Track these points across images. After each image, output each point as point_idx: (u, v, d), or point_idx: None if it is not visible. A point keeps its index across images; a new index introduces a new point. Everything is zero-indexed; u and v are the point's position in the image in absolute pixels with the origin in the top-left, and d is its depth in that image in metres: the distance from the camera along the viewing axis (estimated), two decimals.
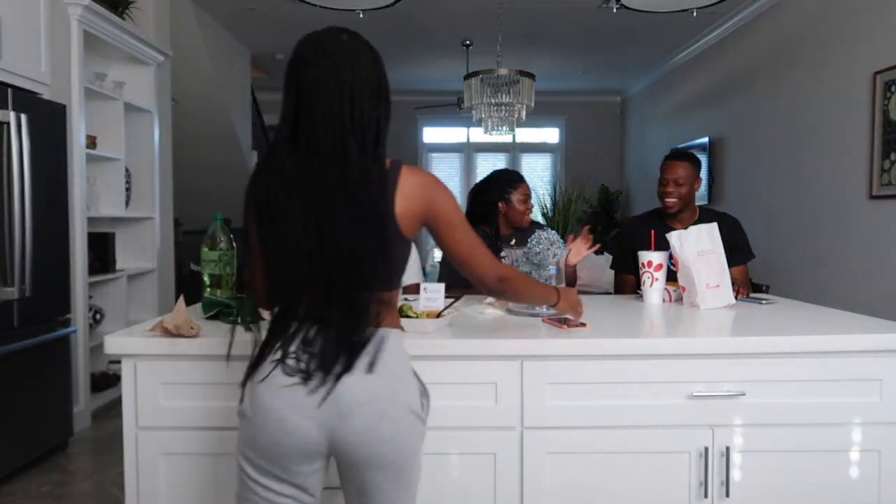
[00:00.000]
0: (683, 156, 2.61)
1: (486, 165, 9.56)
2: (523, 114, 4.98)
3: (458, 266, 1.37)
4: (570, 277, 2.45)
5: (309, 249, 1.17)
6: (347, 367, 1.16)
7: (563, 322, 1.71)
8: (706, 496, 1.60)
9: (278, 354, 1.18)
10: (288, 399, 1.17)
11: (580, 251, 2.35)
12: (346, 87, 1.17)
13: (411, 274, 2.75)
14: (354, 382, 1.17)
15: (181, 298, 1.63)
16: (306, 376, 1.16)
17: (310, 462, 1.21)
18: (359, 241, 1.17)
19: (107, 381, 4.00)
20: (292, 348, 1.18)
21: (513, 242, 2.64)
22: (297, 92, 1.19)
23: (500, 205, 2.68)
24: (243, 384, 1.24)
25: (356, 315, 1.18)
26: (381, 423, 1.18)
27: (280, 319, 1.21)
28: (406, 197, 1.22)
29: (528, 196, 2.70)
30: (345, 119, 1.17)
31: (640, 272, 2.18)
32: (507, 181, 2.71)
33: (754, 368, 1.60)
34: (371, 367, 1.18)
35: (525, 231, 2.69)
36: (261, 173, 1.23)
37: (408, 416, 1.21)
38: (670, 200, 2.52)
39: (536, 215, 8.75)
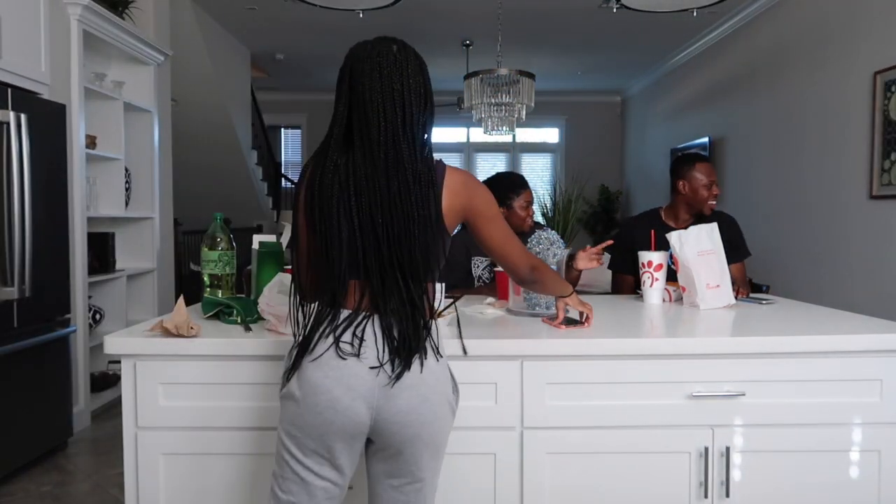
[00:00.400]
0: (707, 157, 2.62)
1: (486, 165, 9.57)
2: (523, 114, 4.98)
3: (494, 257, 1.48)
4: (573, 281, 2.44)
5: (363, 244, 1.26)
6: (412, 356, 1.25)
7: (563, 323, 1.70)
8: (706, 496, 1.60)
9: (330, 339, 1.25)
10: (341, 380, 1.24)
11: (588, 262, 2.35)
12: (397, 95, 1.27)
13: None
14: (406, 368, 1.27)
15: (181, 298, 1.63)
16: (359, 358, 1.24)
17: (353, 442, 1.27)
18: (413, 236, 1.26)
19: (106, 381, 4.00)
20: (345, 334, 1.25)
21: None
22: (350, 100, 1.29)
23: (501, 210, 2.67)
24: (289, 372, 1.29)
25: (415, 305, 1.27)
26: (422, 405, 1.26)
27: (329, 308, 1.28)
28: (451, 194, 1.32)
29: (530, 202, 2.68)
30: (397, 125, 1.26)
31: (640, 272, 2.18)
32: (511, 186, 2.68)
33: (754, 368, 1.60)
34: (424, 354, 1.27)
35: (525, 233, 2.68)
36: (314, 173, 1.30)
37: (444, 405, 1.30)
38: (715, 202, 2.51)
39: (536, 215, 8.76)
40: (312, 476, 1.28)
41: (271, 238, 1.95)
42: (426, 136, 1.32)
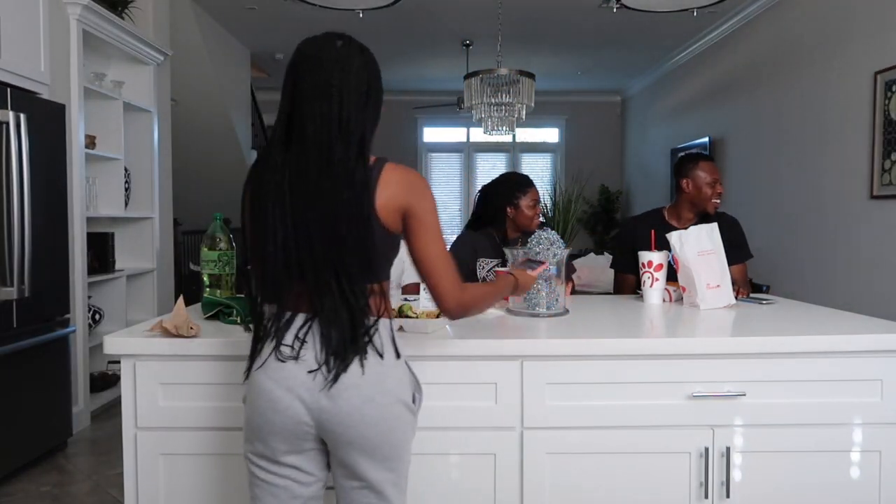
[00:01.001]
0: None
1: (486, 165, 9.57)
2: (523, 114, 4.98)
3: (421, 273, 1.35)
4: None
5: (297, 244, 1.23)
6: (348, 357, 1.23)
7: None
8: (706, 497, 1.60)
9: (273, 343, 1.25)
10: (280, 381, 1.24)
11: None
12: (335, 91, 1.23)
13: (411, 273, 2.74)
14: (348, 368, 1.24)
15: (181, 299, 1.63)
16: (297, 361, 1.23)
17: (300, 443, 1.27)
18: (344, 236, 1.22)
19: (106, 381, 4.00)
20: (286, 337, 1.25)
21: (518, 245, 2.62)
22: (291, 94, 1.26)
23: (508, 209, 2.65)
24: (245, 377, 1.30)
25: (350, 306, 1.23)
26: (365, 405, 1.23)
27: (272, 310, 1.28)
28: (386, 189, 1.26)
29: (536, 201, 2.66)
30: (332, 121, 1.23)
31: (641, 272, 2.17)
32: (517, 185, 2.67)
33: (754, 368, 1.59)
34: (364, 354, 1.24)
35: (531, 232, 2.67)
36: (255, 171, 1.29)
37: (395, 405, 1.26)
38: (719, 201, 2.51)
39: None
40: (270, 476, 1.28)
41: None
42: (364, 134, 1.27)
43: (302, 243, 1.23)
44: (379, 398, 1.24)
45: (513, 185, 2.68)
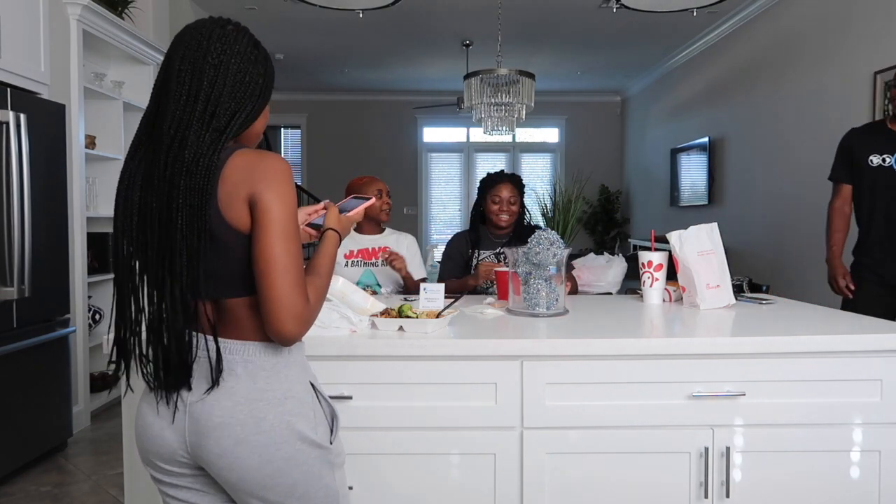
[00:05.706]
0: None
1: (486, 165, 9.56)
2: (523, 114, 4.98)
3: (257, 281, 1.08)
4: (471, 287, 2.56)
5: (138, 243, 1.10)
6: (182, 384, 1.11)
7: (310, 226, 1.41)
8: (706, 496, 1.60)
9: (142, 361, 1.15)
10: (152, 405, 1.16)
11: (486, 274, 2.52)
12: (209, 69, 1.11)
13: (415, 272, 2.75)
14: (214, 402, 1.10)
15: None
16: (156, 389, 1.14)
17: (186, 468, 1.17)
18: (180, 236, 1.06)
19: (106, 381, 4.00)
20: (144, 359, 1.15)
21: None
22: (163, 72, 1.15)
23: (483, 207, 2.83)
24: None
25: (182, 323, 1.09)
26: (237, 448, 1.09)
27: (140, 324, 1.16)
28: (231, 176, 1.08)
29: (500, 198, 2.73)
30: (198, 102, 1.10)
31: (640, 272, 2.18)
32: (484, 185, 2.81)
33: (754, 368, 1.60)
34: (228, 386, 1.11)
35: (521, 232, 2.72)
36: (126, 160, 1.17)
37: (278, 445, 1.11)
38: None
39: (536, 216, 8.75)
40: (170, 499, 1.21)
41: None
42: (231, 122, 1.12)
43: (141, 244, 1.10)
44: (254, 438, 1.09)
45: (482, 184, 2.81)
